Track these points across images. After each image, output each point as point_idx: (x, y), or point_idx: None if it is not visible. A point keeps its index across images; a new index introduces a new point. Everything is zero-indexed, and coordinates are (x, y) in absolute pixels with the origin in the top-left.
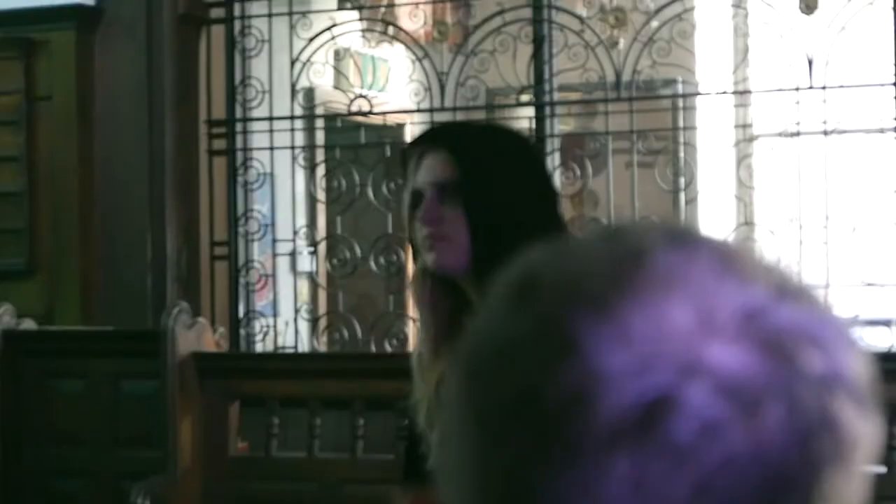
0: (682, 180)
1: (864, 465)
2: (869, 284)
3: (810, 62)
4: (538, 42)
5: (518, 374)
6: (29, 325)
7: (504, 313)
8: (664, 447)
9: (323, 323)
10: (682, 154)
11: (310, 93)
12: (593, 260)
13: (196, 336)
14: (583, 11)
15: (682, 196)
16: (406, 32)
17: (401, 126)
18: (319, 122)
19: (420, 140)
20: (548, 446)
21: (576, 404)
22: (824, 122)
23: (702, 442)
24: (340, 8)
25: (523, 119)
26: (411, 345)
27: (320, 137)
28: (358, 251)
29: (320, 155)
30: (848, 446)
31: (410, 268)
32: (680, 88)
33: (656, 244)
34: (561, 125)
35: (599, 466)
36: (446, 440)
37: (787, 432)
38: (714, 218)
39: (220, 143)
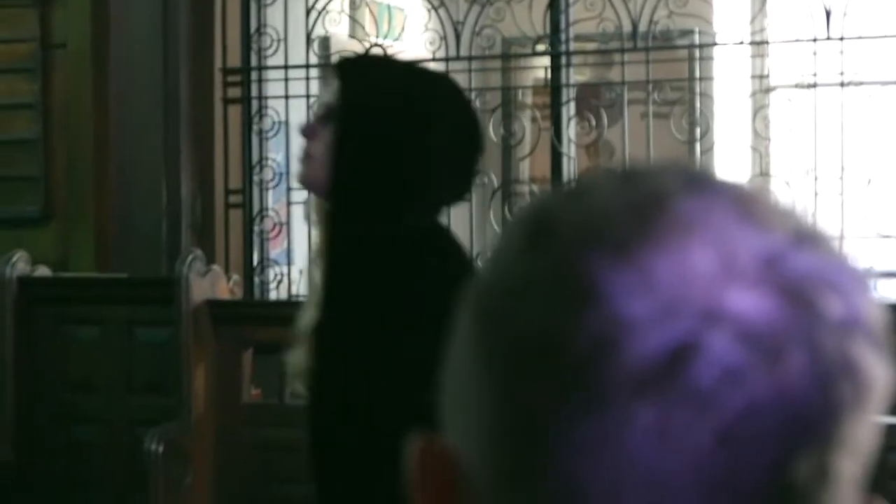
0: (697, 131)
1: (879, 413)
2: (884, 236)
3: (828, 13)
4: None
5: (537, 318)
6: (43, 271)
7: (520, 255)
8: (687, 395)
9: None
10: (698, 105)
11: (325, 41)
12: (612, 203)
13: (210, 284)
14: None
15: (698, 147)
16: None
17: None
18: None
19: (335, 65)
20: (569, 394)
21: (599, 351)
22: (841, 74)
23: (724, 389)
24: None
25: (539, 69)
26: None
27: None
28: None
29: None
30: (867, 391)
31: None
32: (696, 39)
33: (676, 188)
34: (577, 75)
35: (623, 415)
36: (452, 379)
37: (809, 377)
38: (729, 169)
39: (235, 92)
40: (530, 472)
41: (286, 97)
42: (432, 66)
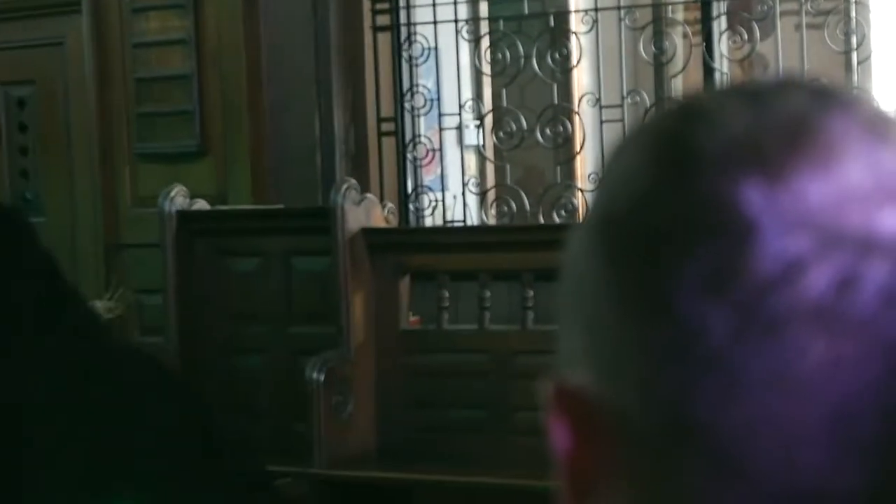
0: (853, 40)
1: None
2: None
3: None
4: None
5: (700, 256)
6: (202, 205)
7: (659, 191)
8: (856, 324)
9: (491, 196)
10: (853, 14)
11: None
12: (752, 128)
13: (365, 212)
14: None
15: (854, 57)
16: None
17: None
18: None
19: None
20: (745, 330)
21: (768, 287)
22: None
23: (890, 315)
24: None
25: None
26: (580, 216)
27: (484, 9)
28: (524, 123)
29: (484, 27)
30: None
31: None
32: None
33: (813, 107)
34: None
35: (797, 347)
36: (582, 324)
37: None
38: (888, 79)
39: (383, 19)
40: (702, 412)
41: (434, 23)
42: None
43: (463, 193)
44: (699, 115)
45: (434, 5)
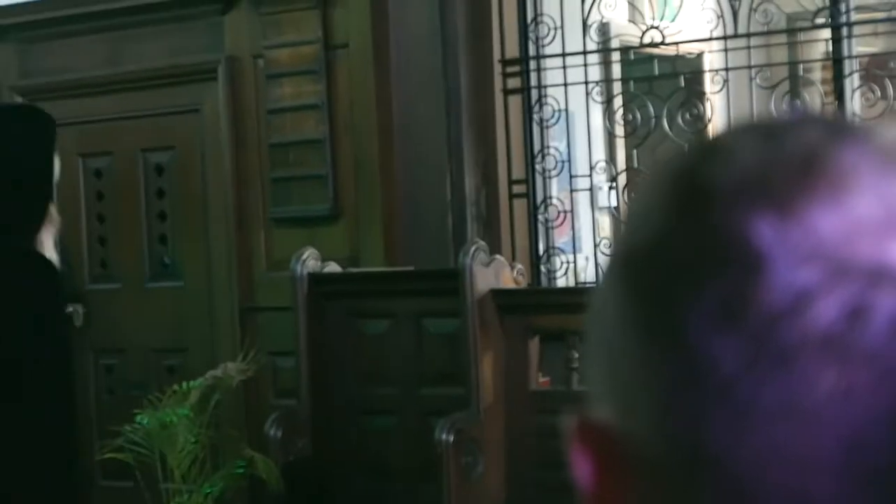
0: None
1: None
2: None
3: None
4: None
5: (711, 290)
6: (333, 267)
7: (673, 221)
8: (866, 354)
9: None
10: None
11: (604, 27)
12: (763, 162)
13: (494, 273)
14: None
15: None
16: None
17: (698, 56)
18: (615, 57)
19: None
20: (755, 362)
21: (778, 319)
22: None
23: None
24: None
25: (820, 42)
26: None
27: (615, 71)
28: None
29: (615, 89)
30: None
31: None
32: None
33: (824, 141)
34: (864, 46)
35: (808, 379)
36: (604, 355)
37: None
38: None
39: (514, 82)
40: (715, 444)
41: (565, 85)
42: (712, 45)
43: (595, 255)
44: (714, 151)
45: (564, 68)
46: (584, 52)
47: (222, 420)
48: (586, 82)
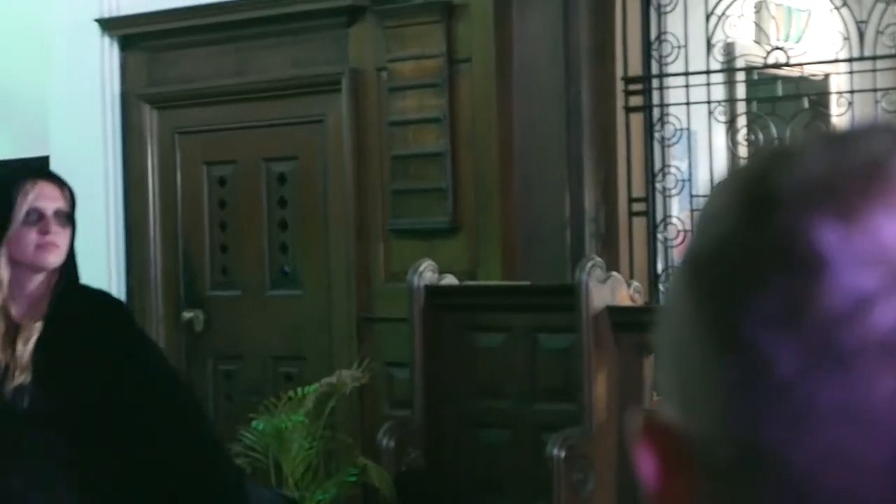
0: None
1: None
2: None
3: None
4: None
5: (773, 291)
6: (450, 280)
7: (740, 226)
8: None
9: None
10: None
11: (729, 46)
12: (830, 168)
13: (610, 290)
14: None
15: None
16: None
17: (825, 78)
18: (738, 76)
19: (31, 173)
20: (815, 363)
21: (838, 322)
22: None
23: None
24: None
25: None
26: None
27: (739, 91)
28: None
29: (738, 109)
30: None
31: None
32: None
33: (891, 149)
34: None
35: (866, 381)
36: (672, 356)
37: None
38: None
39: (636, 100)
40: (773, 442)
41: (687, 104)
42: (840, 67)
43: None
44: (783, 157)
45: (687, 86)
46: (708, 72)
47: (338, 428)
48: (709, 101)
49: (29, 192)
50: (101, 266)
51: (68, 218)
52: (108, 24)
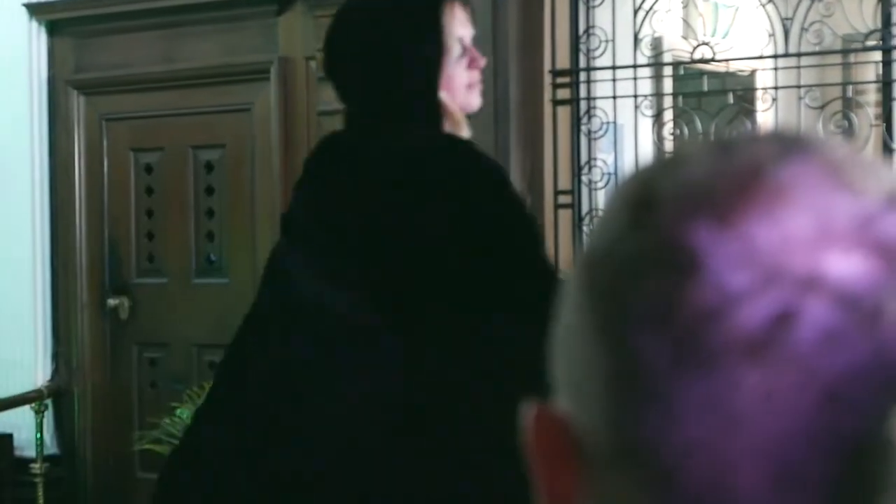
0: None
1: None
2: None
3: None
4: None
5: (647, 291)
6: None
7: (625, 229)
8: (790, 359)
9: None
10: None
11: (657, 41)
12: (711, 174)
13: None
14: None
15: None
16: None
17: (751, 74)
18: (665, 71)
19: None
20: (680, 359)
21: (706, 320)
22: None
23: (825, 352)
24: None
25: (870, 64)
26: None
27: (667, 86)
28: None
29: (665, 103)
30: None
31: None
32: None
33: (771, 156)
34: None
35: (730, 379)
36: (562, 350)
37: None
38: None
39: (563, 93)
40: (645, 435)
41: (614, 97)
42: (760, 63)
43: None
44: (670, 163)
45: (614, 80)
46: (635, 66)
47: None
48: (636, 95)
49: (454, 16)
50: (26, 251)
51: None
52: (37, 9)
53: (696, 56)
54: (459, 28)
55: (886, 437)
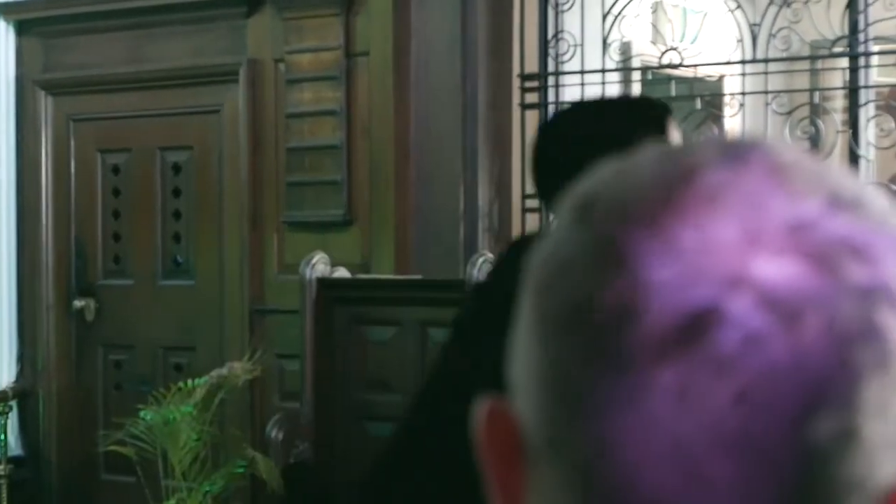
0: None
1: None
2: None
3: None
4: None
5: (572, 288)
6: (342, 273)
7: (567, 230)
8: (707, 358)
9: None
10: None
11: (625, 46)
12: (644, 179)
13: None
14: None
15: None
16: None
17: (719, 79)
18: (634, 76)
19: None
20: (596, 357)
21: (622, 317)
22: None
23: (743, 352)
24: None
25: (837, 70)
26: None
27: (635, 91)
28: None
29: None
30: (891, 354)
31: None
32: None
33: (706, 161)
34: (885, 77)
35: (644, 377)
36: (515, 348)
37: (826, 342)
38: None
39: (532, 97)
40: (565, 432)
41: None
42: (728, 68)
43: None
44: (619, 168)
45: (583, 85)
46: (603, 71)
47: (227, 420)
48: None
49: (673, 129)
50: None
51: None
52: (5, 9)
53: (665, 61)
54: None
55: (804, 442)
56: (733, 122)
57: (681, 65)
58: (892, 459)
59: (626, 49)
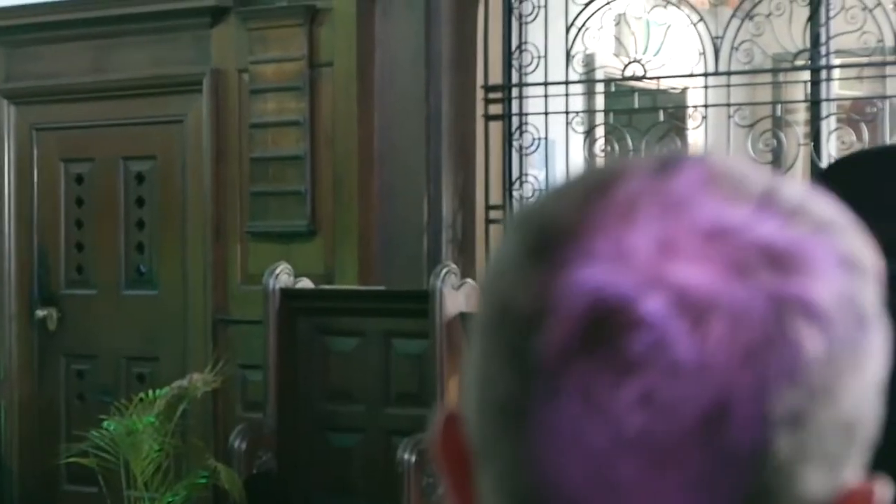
0: None
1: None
2: None
3: None
4: (814, 4)
5: (500, 292)
6: (305, 283)
7: (506, 241)
8: (612, 359)
9: None
10: None
11: (589, 58)
12: (572, 192)
13: (464, 296)
14: None
15: None
16: None
17: (682, 91)
18: (597, 88)
19: None
20: (511, 361)
21: (533, 320)
22: None
23: (649, 354)
24: None
25: (799, 83)
26: None
27: (598, 103)
28: None
29: (596, 120)
30: (801, 364)
31: None
32: None
33: (631, 172)
34: (846, 90)
35: (553, 379)
36: (467, 360)
37: (732, 348)
38: None
39: (495, 108)
40: (491, 439)
41: (546, 114)
42: (691, 81)
43: None
44: (553, 188)
45: (546, 97)
46: (567, 83)
47: (190, 430)
48: (567, 112)
49: None
50: None
51: None
52: None
53: (628, 73)
54: None
55: (713, 448)
56: (696, 135)
57: (644, 77)
58: (818, 475)
59: (589, 61)
